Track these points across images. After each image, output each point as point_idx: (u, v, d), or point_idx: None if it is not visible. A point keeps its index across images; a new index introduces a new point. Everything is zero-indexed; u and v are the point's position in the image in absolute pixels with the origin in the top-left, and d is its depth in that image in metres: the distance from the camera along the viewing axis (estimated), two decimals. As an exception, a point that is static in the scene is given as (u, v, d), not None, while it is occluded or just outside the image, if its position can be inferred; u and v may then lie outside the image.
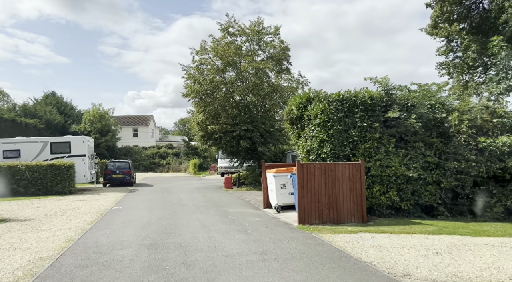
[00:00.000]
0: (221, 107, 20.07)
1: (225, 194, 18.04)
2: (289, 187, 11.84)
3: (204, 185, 24.52)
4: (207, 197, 16.25)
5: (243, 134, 19.64)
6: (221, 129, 19.60)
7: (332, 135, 10.51)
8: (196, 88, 19.63)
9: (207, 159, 47.69)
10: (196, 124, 20.42)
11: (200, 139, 21.41)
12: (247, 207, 13.10)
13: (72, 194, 17.78)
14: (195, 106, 21.00)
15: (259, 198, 15.79)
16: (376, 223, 9.42)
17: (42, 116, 40.76)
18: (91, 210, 12.26)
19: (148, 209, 12.39)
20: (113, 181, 22.96)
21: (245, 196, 16.72)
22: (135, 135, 57.54)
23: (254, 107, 21.12)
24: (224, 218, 10.38)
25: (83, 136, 20.57)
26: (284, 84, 21.77)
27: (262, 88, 19.85)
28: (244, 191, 19.36)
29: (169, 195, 17.51)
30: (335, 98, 10.73)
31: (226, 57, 19.53)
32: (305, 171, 9.34)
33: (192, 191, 19.36)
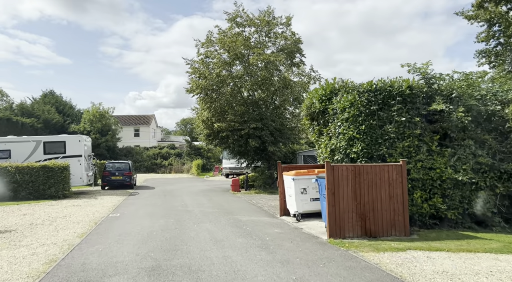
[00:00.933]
0: (228, 104, 18.57)
1: (233, 198, 16.52)
2: (310, 192, 10.31)
3: (209, 187, 23.01)
4: (214, 202, 14.74)
5: (252, 132, 18.13)
6: (228, 128, 18.09)
7: (364, 132, 8.97)
8: (201, 83, 18.13)
9: (210, 159, 46.24)
10: (201, 122, 18.91)
11: (205, 139, 19.92)
12: (261, 214, 11.58)
13: (66, 198, 16.30)
14: (200, 103, 19.50)
15: (272, 203, 14.26)
16: (422, 236, 7.88)
17: (40, 116, 39.36)
18: (84, 218, 10.76)
19: (149, 217, 10.89)
20: (112, 183, 21.49)
21: (256, 200, 15.19)
22: (136, 136, 56.13)
23: (263, 103, 19.61)
24: (238, 229, 8.86)
25: (79, 135, 19.11)
26: (295, 79, 20.26)
27: (272, 83, 18.33)
28: (253, 194, 17.84)
29: (172, 198, 16.02)
30: (367, 88, 9.20)
31: (234, 49, 18.03)
32: (336, 174, 7.81)
33: (197, 194, 17.86)
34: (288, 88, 18.45)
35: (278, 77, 18.52)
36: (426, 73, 9.25)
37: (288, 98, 18.34)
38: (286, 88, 18.49)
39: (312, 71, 20.27)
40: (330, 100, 10.14)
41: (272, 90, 18.82)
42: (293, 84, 18.77)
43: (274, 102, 20.19)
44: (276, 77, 18.59)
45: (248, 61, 19.06)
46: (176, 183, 26.91)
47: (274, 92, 19.12)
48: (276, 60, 17.50)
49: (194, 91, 18.54)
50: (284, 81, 18.36)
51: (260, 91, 19.32)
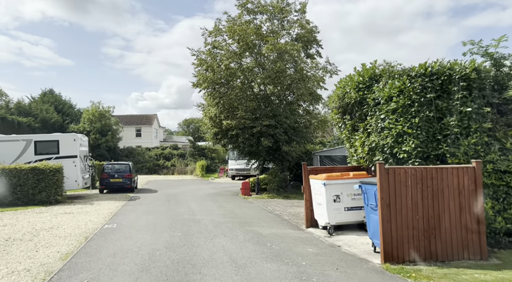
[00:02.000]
0: (237, 99, 16.83)
1: (245, 203, 14.77)
2: (345, 200, 8.55)
3: (215, 190, 21.28)
4: (225, 208, 12.99)
5: (264, 131, 16.37)
6: (239, 125, 16.35)
7: (418, 126, 7.21)
8: (208, 76, 16.40)
9: (214, 160, 44.54)
10: (208, 119, 17.16)
11: (212, 138, 18.18)
12: (283, 225, 9.82)
13: (58, 203, 14.60)
14: (207, 99, 17.77)
15: (291, 209, 12.51)
16: (504, 260, 6.10)
17: (38, 115, 37.79)
18: (74, 231, 9.03)
19: (152, 229, 9.16)
20: (111, 186, 19.78)
21: (272, 206, 13.43)
22: (138, 136, 54.48)
23: (276, 98, 17.86)
24: (262, 248, 7.11)
25: (73, 133, 17.45)
26: (308, 73, 18.48)
27: (288, 75, 16.58)
28: (266, 199, 16.09)
29: (177, 204, 14.29)
30: (420, 72, 7.43)
31: (244, 38, 16.30)
32: (392, 179, 6.05)
33: (204, 199, 16.12)
34: (305, 81, 16.68)
35: (294, 69, 16.75)
36: (493, 54, 7.47)
37: (304, 93, 16.59)
38: (303, 81, 16.73)
39: (328, 63, 18.50)
40: (370, 89, 8.38)
41: (287, 84, 17.07)
42: (308, 77, 17.01)
43: (287, 98, 18.44)
44: (292, 69, 16.83)
45: (260, 52, 17.32)
46: (179, 185, 25.20)
47: (288, 86, 17.36)
48: (293, 50, 15.74)
49: (200, 85, 16.81)
50: (301, 73, 16.60)
51: (272, 86, 17.56)
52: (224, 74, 16.53)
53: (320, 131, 19.52)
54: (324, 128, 19.47)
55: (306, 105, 19.26)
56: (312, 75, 18.39)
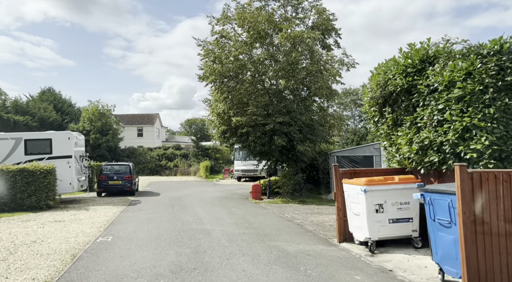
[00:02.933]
0: (248, 94, 15.30)
1: (258, 209, 13.23)
2: (389, 210, 7.00)
3: (222, 193, 19.75)
4: (236, 216, 11.44)
5: (277, 128, 14.83)
6: (249, 122, 14.81)
7: (494, 117, 5.66)
8: (216, 68, 14.86)
9: (218, 160, 43.04)
10: (216, 116, 15.60)
11: (220, 136, 16.64)
12: (309, 237, 8.27)
13: (50, 209, 13.11)
14: (214, 93, 16.25)
15: (312, 218, 10.95)
16: None
17: (36, 114, 36.40)
18: (60, 246, 7.52)
19: (154, 243, 7.64)
20: (109, 189, 18.30)
21: (290, 213, 11.88)
22: (139, 136, 53.02)
23: (290, 93, 16.30)
24: (295, 274, 5.56)
25: (68, 131, 15.93)
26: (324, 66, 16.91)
27: (303, 68, 15.04)
28: (280, 203, 14.53)
29: (182, 210, 12.76)
30: (494, 49, 5.88)
31: (256, 27, 14.76)
32: (478, 188, 4.50)
33: (211, 204, 14.60)
34: (323, 73, 15.12)
35: (310, 60, 15.18)
36: None
37: (323, 86, 15.03)
38: (321, 73, 15.18)
39: (345, 55, 16.92)
40: (421, 73, 6.84)
41: (301, 78, 15.51)
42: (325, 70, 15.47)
43: (301, 93, 16.87)
44: (307, 60, 15.26)
45: (272, 43, 15.79)
46: (183, 187, 23.69)
47: (303, 80, 15.80)
48: (310, 38, 14.17)
49: (207, 78, 15.27)
50: (318, 65, 15.05)
51: (285, 80, 15.99)
52: (233, 66, 14.99)
53: (336, 130, 17.96)
54: (341, 127, 17.93)
55: (321, 101, 17.71)
56: (327, 69, 16.84)
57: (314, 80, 14.95)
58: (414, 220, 7.10)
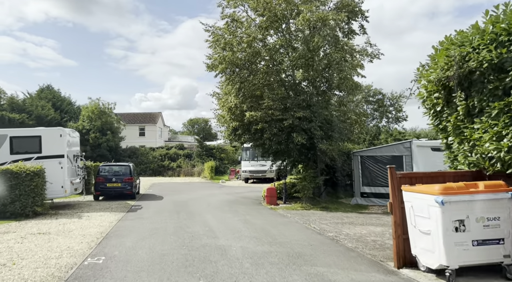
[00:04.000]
0: (262, 86, 13.53)
1: (277, 217, 11.45)
2: (473, 228, 5.20)
3: (231, 196, 18.00)
4: (254, 226, 9.66)
5: (296, 124, 13.06)
6: (265, 118, 13.03)
7: None
8: (227, 56, 13.09)
9: (223, 161, 41.29)
10: (227, 110, 13.79)
11: (230, 134, 14.86)
12: (354, 259, 6.47)
13: (37, 216, 11.40)
14: (224, 86, 14.50)
15: (347, 230, 9.16)
16: None
17: (33, 111, 34.75)
18: (34, 273, 5.76)
19: (157, 268, 5.88)
20: (107, 192, 16.58)
21: (316, 223, 10.08)
22: (141, 135, 51.37)
23: (310, 84, 14.51)
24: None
25: (60, 128, 14.23)
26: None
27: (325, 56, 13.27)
28: (300, 210, 12.75)
29: (189, 218, 11.00)
30: None
31: (272, 8, 12.98)
32: None
33: (221, 210, 12.84)
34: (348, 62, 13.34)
35: (334, 46, 13.35)
36: None
37: (348, 76, 13.26)
38: (345, 62, 13.40)
39: (369, 45, 15.05)
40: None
41: (322, 67, 13.73)
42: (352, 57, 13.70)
43: (320, 85, 15.05)
44: (332, 46, 13.43)
45: (289, 29, 14.02)
46: (188, 189, 21.95)
47: (323, 70, 14.02)
48: (335, 20, 12.37)
49: (216, 67, 13.50)
50: (343, 52, 13.26)
51: (303, 70, 14.18)
52: (245, 54, 13.23)
53: (358, 127, 16.16)
54: (363, 124, 16.14)
55: (344, 95, 15.93)
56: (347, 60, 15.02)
57: (339, 69, 13.16)
58: (506, 241, 5.31)
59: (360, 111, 16.06)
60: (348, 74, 13.25)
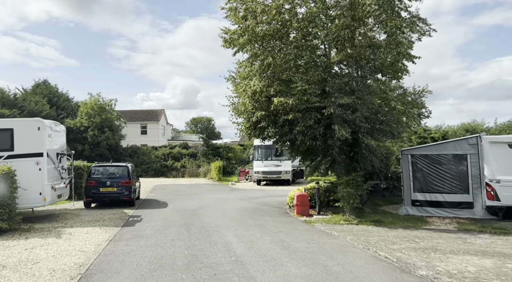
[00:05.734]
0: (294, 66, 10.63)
1: (322, 236, 8.54)
2: None
3: (248, 202, 15.15)
4: (300, 254, 6.76)
5: (339, 114, 10.16)
6: (298, 105, 10.13)
7: None
8: (250, 25, 10.18)
9: (231, 160, 38.37)
10: (249, 97, 10.81)
11: (250, 127, 11.96)
12: None
13: (2, 234, 8.57)
14: (244, 67, 11.63)
15: (437, 262, 6.24)
16: None
17: (25, 107, 32.03)
18: None
19: None
20: (100, 198, 13.77)
21: (380, 247, 7.18)
22: (143, 133, 48.65)
23: (349, 66, 11.61)
24: None
25: (38, 119, 11.23)
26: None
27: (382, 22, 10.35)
28: (345, 224, 9.84)
29: (204, 237, 8.14)
30: None
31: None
32: None
33: (243, 223, 9.96)
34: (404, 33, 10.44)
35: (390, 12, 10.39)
36: None
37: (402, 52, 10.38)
38: (402, 32, 10.50)
39: (418, 20, 11.95)
40: None
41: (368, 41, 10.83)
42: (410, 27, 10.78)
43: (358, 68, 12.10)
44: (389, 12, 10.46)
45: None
46: (196, 193, 19.10)
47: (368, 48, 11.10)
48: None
49: (236, 41, 10.58)
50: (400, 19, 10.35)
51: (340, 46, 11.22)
52: (275, 23, 10.33)
53: (406, 120, 13.22)
54: (412, 116, 13.22)
55: (387, 80, 13.01)
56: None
57: (396, 42, 10.23)
58: None
59: (408, 100, 13.10)
60: (403, 52, 10.33)
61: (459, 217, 11.06)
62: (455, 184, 11.49)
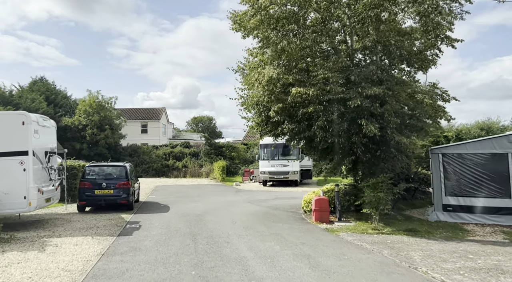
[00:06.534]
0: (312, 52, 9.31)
1: (351, 249, 7.22)
2: None
3: (256, 205, 13.86)
4: (335, 276, 5.48)
5: (366, 106, 8.85)
6: (320, 96, 8.81)
7: None
8: (263, 5, 8.84)
9: (234, 160, 37.07)
10: (264, 85, 9.43)
11: (261, 123, 10.64)
12: None
13: (-26, 248, 7.30)
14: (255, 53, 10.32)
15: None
16: None
17: (21, 104, 30.77)
18: None
19: None
20: (96, 201, 12.47)
21: (431, 268, 5.86)
22: (143, 132, 47.33)
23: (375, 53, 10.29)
24: None
25: (23, 112, 9.89)
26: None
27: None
28: (373, 233, 8.52)
29: (213, 251, 6.83)
30: None
31: None
32: None
33: (257, 232, 8.65)
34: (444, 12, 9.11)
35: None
36: None
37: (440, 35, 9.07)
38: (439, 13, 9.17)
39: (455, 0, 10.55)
40: None
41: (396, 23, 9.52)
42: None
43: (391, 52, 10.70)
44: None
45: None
46: (199, 195, 17.81)
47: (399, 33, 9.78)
48: None
49: (247, 23, 9.26)
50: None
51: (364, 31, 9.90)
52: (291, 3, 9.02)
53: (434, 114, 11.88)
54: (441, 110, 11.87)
55: (413, 71, 11.69)
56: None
57: (434, 23, 8.90)
58: None
59: (437, 93, 11.77)
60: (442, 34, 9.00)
61: (499, 224, 9.76)
62: (493, 187, 10.18)
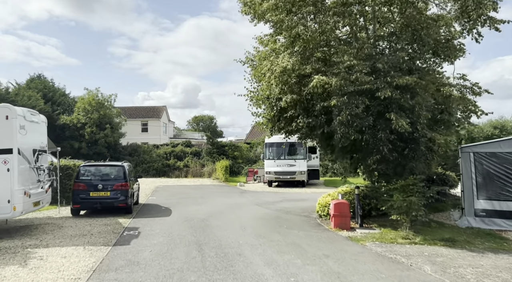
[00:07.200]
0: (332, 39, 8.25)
1: (386, 264, 6.15)
2: None
3: (265, 208, 12.80)
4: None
5: (396, 98, 7.78)
6: (342, 87, 7.74)
7: None
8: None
9: (237, 159, 35.96)
10: (278, 76, 8.35)
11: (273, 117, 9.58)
12: None
13: None
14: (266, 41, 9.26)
15: None
16: None
17: (17, 102, 29.75)
18: None
19: None
20: (91, 204, 11.41)
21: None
22: (144, 131, 46.30)
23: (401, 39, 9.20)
24: None
25: (6, 105, 8.68)
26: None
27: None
28: (405, 243, 7.45)
29: (224, 266, 5.77)
30: None
31: None
32: None
33: (271, 241, 7.59)
34: None
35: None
36: None
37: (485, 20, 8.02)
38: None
39: None
40: None
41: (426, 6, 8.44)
42: None
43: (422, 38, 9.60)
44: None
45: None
46: (203, 196, 16.75)
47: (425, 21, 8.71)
48: None
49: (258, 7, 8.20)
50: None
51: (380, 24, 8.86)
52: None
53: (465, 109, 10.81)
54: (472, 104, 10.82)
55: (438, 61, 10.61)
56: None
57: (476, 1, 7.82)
58: None
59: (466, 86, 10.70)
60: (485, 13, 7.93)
61: (542, 231, 8.71)
62: (534, 190, 9.13)
